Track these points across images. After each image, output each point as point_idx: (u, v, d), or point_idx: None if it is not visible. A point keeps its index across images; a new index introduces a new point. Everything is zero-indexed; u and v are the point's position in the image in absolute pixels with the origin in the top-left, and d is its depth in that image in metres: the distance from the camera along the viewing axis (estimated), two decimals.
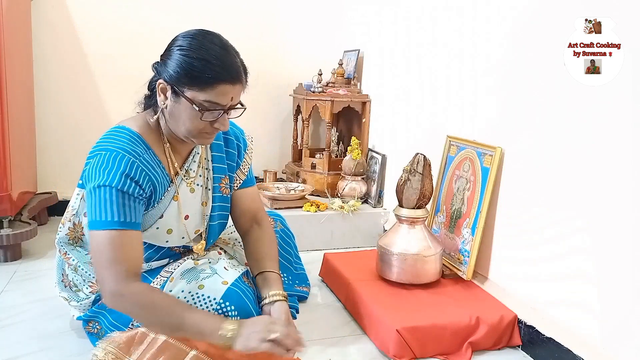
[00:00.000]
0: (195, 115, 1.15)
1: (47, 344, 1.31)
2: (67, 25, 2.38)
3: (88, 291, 1.32)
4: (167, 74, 1.15)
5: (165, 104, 1.18)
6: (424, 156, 1.58)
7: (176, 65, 1.13)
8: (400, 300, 1.47)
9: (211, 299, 1.25)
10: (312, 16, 2.73)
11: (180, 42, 1.16)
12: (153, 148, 1.23)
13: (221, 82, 1.13)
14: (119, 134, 1.19)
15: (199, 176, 1.34)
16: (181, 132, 1.20)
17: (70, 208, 1.33)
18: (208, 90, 1.13)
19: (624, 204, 1.14)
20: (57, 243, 1.35)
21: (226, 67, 1.13)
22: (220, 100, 1.14)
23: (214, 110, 1.15)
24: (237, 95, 1.18)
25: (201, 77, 1.12)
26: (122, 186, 1.12)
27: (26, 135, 2.17)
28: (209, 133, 1.20)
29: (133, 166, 1.14)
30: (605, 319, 1.19)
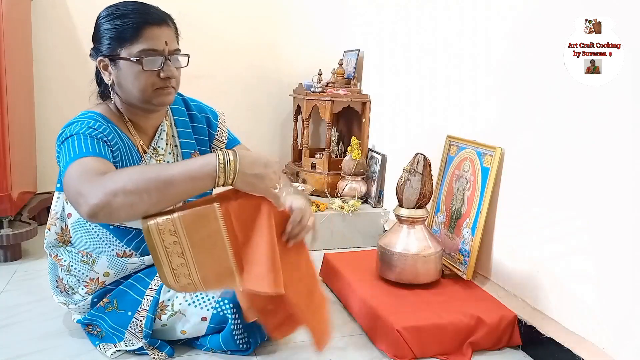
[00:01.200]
0: (138, 71, 1.18)
1: (47, 344, 1.31)
2: (67, 25, 2.38)
3: (84, 292, 1.32)
4: (101, 49, 1.20)
5: (111, 79, 1.22)
6: (424, 156, 1.58)
7: (104, 34, 1.19)
8: (400, 300, 1.47)
9: (209, 298, 1.25)
10: (312, 16, 2.73)
11: (101, 15, 1.22)
12: (119, 127, 1.25)
13: (145, 25, 1.17)
14: (83, 114, 1.22)
15: (168, 153, 1.35)
16: (136, 97, 1.22)
17: (53, 212, 1.33)
18: (137, 39, 1.17)
19: (624, 204, 1.14)
20: (46, 248, 1.35)
21: (144, 11, 1.19)
22: (153, 46, 1.18)
23: (152, 57, 1.17)
24: (170, 39, 1.21)
25: (125, 30, 1.17)
26: (89, 132, 1.14)
27: (26, 135, 2.17)
28: (162, 88, 1.22)
29: (100, 126, 1.18)
30: (605, 319, 1.19)
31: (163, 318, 1.25)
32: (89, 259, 1.31)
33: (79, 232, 1.31)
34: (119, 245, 1.31)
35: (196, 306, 1.25)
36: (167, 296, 1.25)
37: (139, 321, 1.25)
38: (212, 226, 1.02)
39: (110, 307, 1.29)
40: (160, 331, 1.28)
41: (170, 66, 1.20)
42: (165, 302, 1.25)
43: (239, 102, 2.68)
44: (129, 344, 1.26)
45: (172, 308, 1.25)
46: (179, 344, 1.31)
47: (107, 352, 1.25)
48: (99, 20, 1.22)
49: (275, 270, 1.04)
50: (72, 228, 1.32)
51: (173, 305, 1.25)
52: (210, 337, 1.28)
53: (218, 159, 1.00)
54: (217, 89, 2.63)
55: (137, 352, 1.26)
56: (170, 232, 1.00)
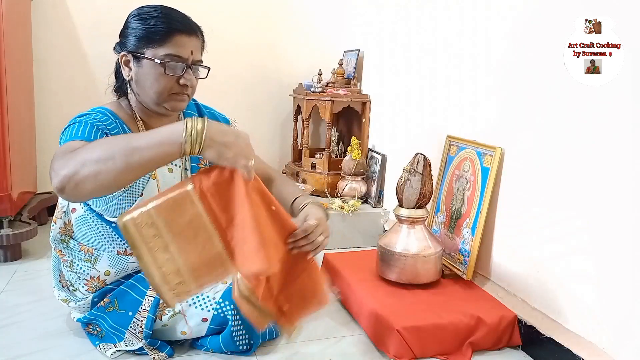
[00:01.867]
0: (160, 73, 1.20)
1: (47, 344, 1.31)
2: (67, 25, 2.38)
3: (84, 290, 1.32)
4: (127, 45, 1.23)
5: (130, 75, 1.24)
6: (424, 156, 1.58)
7: (133, 32, 1.22)
8: (400, 300, 1.47)
9: (210, 299, 1.25)
10: (312, 16, 2.73)
11: (134, 13, 1.24)
12: (128, 125, 1.27)
13: (175, 32, 1.19)
14: (93, 110, 1.24)
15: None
16: (151, 98, 1.23)
17: (60, 205, 1.35)
18: (165, 43, 1.19)
19: (624, 204, 1.14)
20: (51, 241, 1.36)
21: (178, 19, 1.22)
22: (179, 52, 1.20)
23: (176, 63, 1.20)
24: (196, 50, 1.24)
25: (156, 32, 1.19)
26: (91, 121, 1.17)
27: (26, 135, 2.17)
28: (178, 93, 1.23)
29: (106, 121, 1.20)
30: (605, 318, 1.19)
31: (164, 318, 1.25)
32: (90, 257, 1.31)
33: (82, 227, 1.31)
34: (119, 242, 1.31)
35: (197, 307, 1.25)
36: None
37: (140, 321, 1.25)
38: (191, 210, 0.95)
39: (110, 307, 1.29)
40: (161, 331, 1.28)
41: (190, 74, 1.23)
42: None
43: (239, 102, 2.68)
44: (129, 344, 1.26)
45: (172, 309, 1.25)
46: (179, 344, 1.31)
47: (107, 352, 1.26)
48: (130, 17, 1.25)
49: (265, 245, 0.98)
50: (75, 223, 1.33)
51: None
52: (211, 337, 1.28)
53: (186, 126, 0.96)
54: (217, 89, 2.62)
55: (137, 352, 1.26)
56: (148, 225, 0.94)
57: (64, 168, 0.96)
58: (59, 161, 1.00)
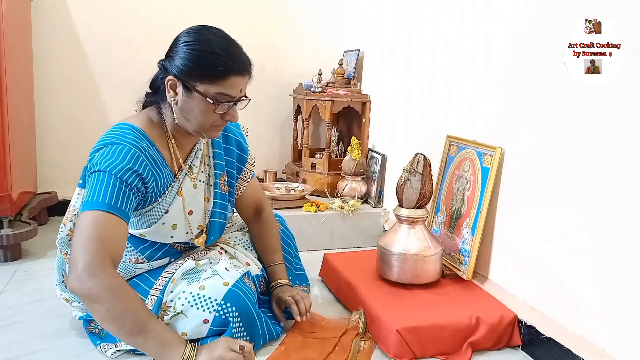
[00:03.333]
0: (208, 109, 1.18)
1: (47, 344, 1.31)
2: (67, 25, 2.38)
3: None
4: (176, 70, 1.17)
5: (175, 100, 1.20)
6: (424, 156, 1.58)
7: (186, 60, 1.16)
8: (400, 300, 1.47)
9: (212, 300, 1.25)
10: (313, 16, 2.73)
11: (186, 38, 1.19)
12: (156, 144, 1.25)
13: (232, 74, 1.17)
14: (123, 130, 1.21)
15: (201, 172, 1.36)
16: (192, 127, 1.23)
17: (72, 208, 1.33)
18: (220, 82, 1.16)
19: (624, 204, 1.14)
20: (58, 243, 1.35)
21: (235, 59, 1.18)
22: (231, 92, 1.18)
23: (226, 102, 1.18)
24: (245, 86, 1.22)
25: (213, 70, 1.15)
26: (122, 175, 1.13)
27: (26, 135, 2.17)
28: (219, 125, 1.24)
29: (138, 160, 1.16)
30: (605, 318, 1.19)
31: (165, 318, 1.25)
32: None
33: None
34: (132, 251, 1.32)
35: (198, 308, 1.25)
36: (170, 297, 1.25)
37: None
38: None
39: None
40: None
41: (235, 110, 1.22)
42: (168, 303, 1.25)
43: None
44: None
45: (174, 309, 1.25)
46: None
47: (108, 352, 1.25)
48: (185, 41, 1.18)
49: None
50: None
51: (175, 306, 1.25)
52: (211, 339, 1.27)
53: (184, 354, 1.10)
54: None
55: (137, 352, 1.26)
56: None
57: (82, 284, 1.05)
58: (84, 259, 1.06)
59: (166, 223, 1.29)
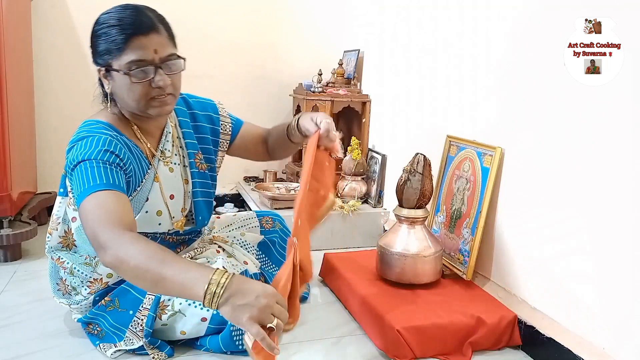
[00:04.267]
0: (129, 82, 1.16)
1: (47, 344, 1.31)
2: (67, 25, 2.38)
3: (86, 292, 1.32)
4: (98, 59, 1.19)
5: (108, 89, 1.21)
6: (424, 156, 1.58)
7: (96, 45, 1.18)
8: (400, 300, 1.47)
9: None
10: (313, 16, 2.73)
11: (94, 24, 1.20)
12: (125, 134, 1.25)
13: (131, 36, 1.14)
14: (90, 125, 1.21)
15: (175, 155, 1.36)
16: (133, 107, 1.22)
17: (55, 217, 1.33)
18: (124, 50, 1.14)
19: (624, 204, 1.14)
20: (47, 252, 1.35)
21: (130, 21, 1.15)
22: (141, 56, 1.15)
23: (141, 68, 1.15)
24: (161, 46, 1.17)
25: (112, 42, 1.14)
26: (102, 156, 1.12)
27: (26, 135, 2.17)
28: (156, 97, 1.19)
29: (112, 143, 1.16)
30: (605, 319, 1.19)
31: (163, 318, 1.25)
32: (91, 261, 1.31)
33: (83, 236, 1.29)
34: None
35: (196, 307, 1.25)
36: (168, 296, 1.25)
37: (140, 320, 1.25)
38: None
39: (111, 306, 1.30)
40: (160, 331, 1.28)
41: (162, 74, 1.17)
42: (165, 302, 1.25)
43: (238, 102, 2.68)
44: (129, 343, 1.26)
45: (172, 308, 1.25)
46: (178, 344, 1.31)
47: (107, 352, 1.26)
48: (93, 29, 1.20)
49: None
50: (76, 232, 1.32)
51: (173, 305, 1.25)
52: (210, 337, 1.28)
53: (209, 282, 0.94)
54: (217, 89, 2.62)
55: (137, 351, 1.26)
56: None
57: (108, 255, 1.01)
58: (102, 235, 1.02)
59: (149, 211, 1.29)
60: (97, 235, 1.03)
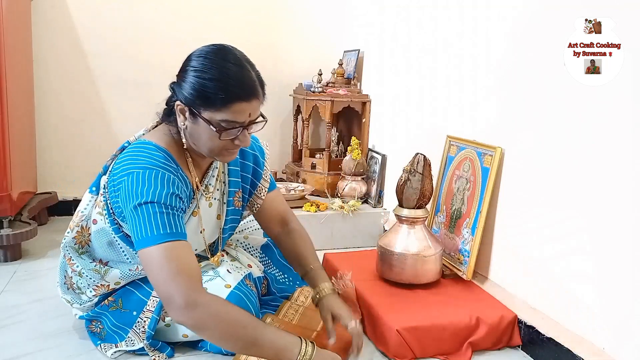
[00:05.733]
0: (214, 135, 1.13)
1: (47, 344, 1.31)
2: (67, 25, 2.38)
3: (92, 294, 1.32)
4: (183, 96, 1.13)
5: (184, 125, 1.17)
6: (424, 156, 1.58)
7: (190, 87, 1.12)
8: (400, 300, 1.47)
9: None
10: (313, 16, 2.73)
11: (194, 63, 1.14)
12: (179, 163, 1.21)
13: (236, 101, 1.11)
14: (150, 151, 1.16)
15: (217, 190, 1.34)
16: (203, 151, 1.19)
17: (80, 213, 1.30)
18: (224, 110, 1.11)
19: (624, 204, 1.14)
20: (62, 247, 1.33)
21: (240, 85, 1.11)
22: (237, 119, 1.12)
23: (232, 129, 1.13)
24: (254, 110, 1.15)
25: (215, 99, 1.10)
26: (165, 200, 1.10)
27: (26, 135, 2.17)
28: (230, 150, 1.18)
29: (175, 183, 1.13)
30: (605, 318, 1.19)
31: (166, 319, 1.25)
32: (101, 269, 1.30)
33: (101, 240, 1.28)
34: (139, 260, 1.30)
35: None
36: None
37: (143, 322, 1.25)
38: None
39: (114, 306, 1.29)
40: (162, 332, 1.28)
41: (246, 135, 1.17)
42: None
43: None
44: (130, 344, 1.26)
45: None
46: (179, 345, 1.31)
47: (108, 352, 1.25)
48: (191, 64, 1.14)
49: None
50: (93, 234, 1.30)
51: None
52: None
53: (301, 346, 1.09)
54: None
55: (137, 352, 1.26)
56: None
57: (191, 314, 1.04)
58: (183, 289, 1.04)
59: None
60: (174, 296, 1.04)
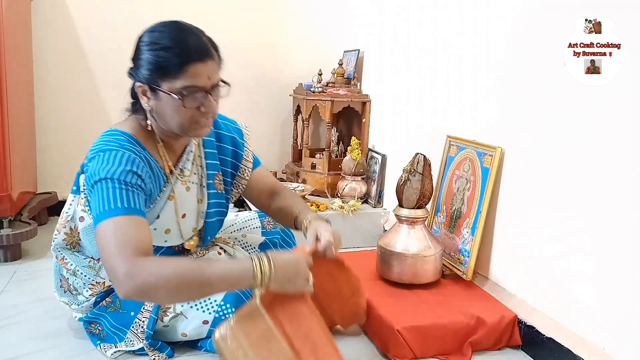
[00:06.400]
0: (179, 105, 1.14)
1: (47, 344, 1.31)
2: (67, 25, 2.38)
3: (88, 294, 1.32)
4: (141, 75, 1.15)
5: (149, 106, 1.18)
6: (424, 156, 1.58)
7: (145, 63, 1.14)
8: (400, 300, 1.47)
9: (212, 301, 1.25)
10: (313, 16, 2.73)
11: (144, 39, 1.16)
12: (148, 148, 1.22)
13: (190, 63, 1.12)
14: (114, 136, 1.18)
15: (194, 174, 1.34)
16: (174, 128, 1.19)
17: (65, 214, 1.32)
18: (180, 75, 1.12)
19: (624, 204, 1.14)
20: (53, 250, 1.34)
21: (190, 47, 1.12)
22: (196, 82, 1.13)
23: (194, 94, 1.14)
24: (213, 73, 1.17)
25: (169, 66, 1.11)
26: (123, 177, 1.10)
27: (26, 135, 2.17)
28: (199, 122, 1.18)
29: (134, 162, 1.14)
30: (605, 318, 1.19)
31: (165, 319, 1.25)
32: (95, 265, 1.31)
33: (90, 236, 1.29)
34: None
35: (198, 309, 1.25)
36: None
37: (142, 322, 1.25)
38: (261, 324, 1.06)
39: (112, 307, 1.29)
40: (161, 332, 1.28)
41: (211, 101, 1.17)
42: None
43: (238, 102, 2.67)
44: (129, 344, 1.26)
45: (174, 310, 1.25)
46: (178, 345, 1.31)
47: (107, 352, 1.26)
48: (141, 44, 1.16)
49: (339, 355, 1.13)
50: (82, 232, 1.31)
51: (175, 307, 1.25)
52: (211, 339, 1.27)
53: (255, 268, 1.05)
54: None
55: (137, 352, 1.26)
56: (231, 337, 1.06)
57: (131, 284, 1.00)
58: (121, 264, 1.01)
59: (158, 229, 1.27)
60: (115, 265, 1.02)
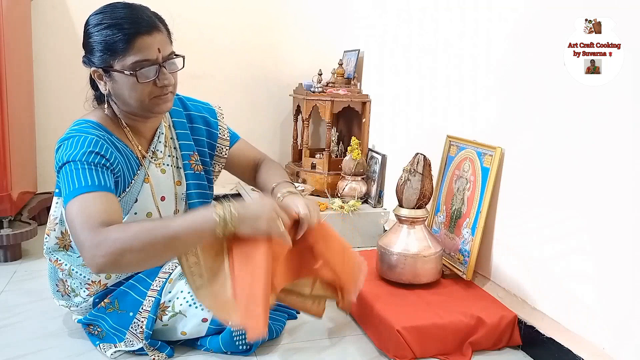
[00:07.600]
0: (134, 82, 1.15)
1: (47, 344, 1.31)
2: (67, 25, 2.38)
3: (86, 294, 1.32)
4: (94, 60, 1.17)
5: (107, 90, 1.20)
6: (424, 156, 1.58)
7: (95, 46, 1.16)
8: (400, 300, 1.47)
9: None
10: (313, 16, 2.73)
11: (90, 21, 1.18)
12: (115, 134, 1.24)
13: (136, 36, 1.13)
14: (79, 125, 1.20)
15: (167, 156, 1.35)
16: (135, 107, 1.21)
17: (52, 217, 1.32)
18: (129, 51, 1.13)
19: (624, 204, 1.14)
20: (45, 253, 1.35)
21: (134, 20, 1.14)
22: (146, 56, 1.15)
23: (146, 68, 1.15)
24: (163, 45, 1.18)
25: (116, 42, 1.13)
26: (87, 158, 1.12)
27: (26, 135, 2.17)
28: (159, 96, 1.20)
29: (98, 143, 1.15)
30: (605, 318, 1.19)
31: (164, 319, 1.25)
32: None
33: None
34: None
35: (197, 307, 1.25)
36: (168, 297, 1.25)
37: (140, 322, 1.25)
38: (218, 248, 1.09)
39: (111, 308, 1.29)
40: (161, 331, 1.28)
41: (165, 73, 1.18)
42: (166, 303, 1.25)
43: (239, 102, 2.68)
44: (129, 344, 1.26)
45: (173, 309, 1.25)
46: (178, 344, 1.31)
47: (107, 352, 1.26)
48: (88, 28, 1.18)
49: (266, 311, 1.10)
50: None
51: (174, 306, 1.25)
52: (210, 338, 1.28)
53: (219, 216, 1.06)
54: (217, 89, 2.63)
55: (137, 352, 1.26)
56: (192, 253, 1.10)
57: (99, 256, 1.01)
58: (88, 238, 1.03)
59: (139, 213, 1.29)
60: (83, 239, 1.03)
